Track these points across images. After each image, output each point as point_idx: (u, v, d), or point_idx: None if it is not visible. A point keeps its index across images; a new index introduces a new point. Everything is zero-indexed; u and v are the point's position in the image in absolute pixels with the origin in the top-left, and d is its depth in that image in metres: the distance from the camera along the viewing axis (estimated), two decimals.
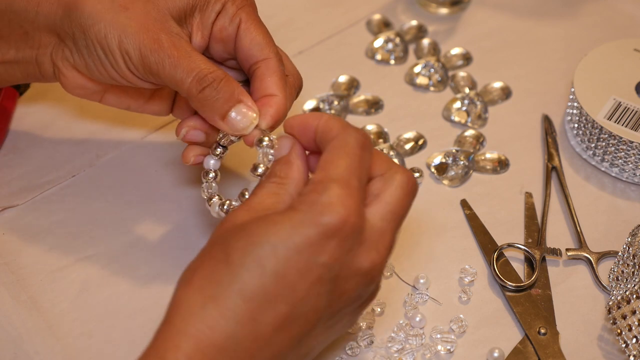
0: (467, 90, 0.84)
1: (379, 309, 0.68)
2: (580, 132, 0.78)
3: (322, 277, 0.53)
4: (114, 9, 0.62)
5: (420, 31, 0.89)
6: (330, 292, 0.53)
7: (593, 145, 0.77)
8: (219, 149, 0.65)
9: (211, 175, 0.64)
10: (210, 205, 0.63)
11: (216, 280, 0.52)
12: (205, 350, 0.51)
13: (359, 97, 0.83)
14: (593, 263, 0.71)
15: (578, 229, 0.73)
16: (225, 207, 0.62)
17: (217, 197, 0.63)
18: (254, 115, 0.61)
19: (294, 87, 0.66)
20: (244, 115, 0.61)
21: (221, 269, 0.52)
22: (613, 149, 0.75)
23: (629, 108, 0.76)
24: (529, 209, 0.75)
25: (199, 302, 0.52)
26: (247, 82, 0.66)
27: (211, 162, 0.65)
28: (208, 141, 0.65)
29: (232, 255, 0.52)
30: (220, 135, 0.64)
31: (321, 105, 0.82)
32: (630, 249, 0.67)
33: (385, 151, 0.77)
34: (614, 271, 0.69)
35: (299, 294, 0.52)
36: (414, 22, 0.90)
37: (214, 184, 0.64)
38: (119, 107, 0.69)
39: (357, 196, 0.53)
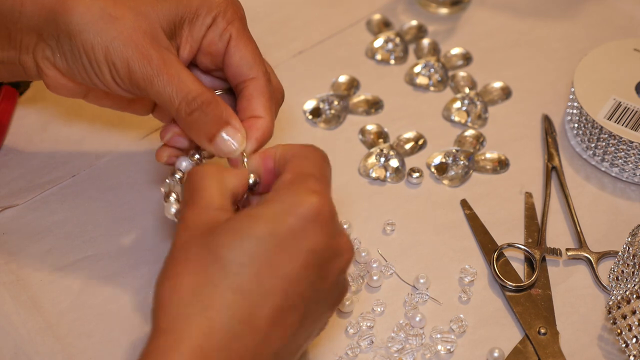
0: (467, 90, 0.84)
1: (379, 309, 0.68)
2: (580, 132, 0.78)
3: (309, 264, 0.53)
4: (104, 19, 0.60)
5: (420, 31, 0.89)
6: (317, 277, 0.54)
7: (593, 145, 0.77)
8: (197, 156, 0.63)
9: (178, 176, 0.62)
10: (166, 203, 0.61)
11: (208, 281, 0.52)
12: (207, 352, 0.51)
13: (359, 97, 0.83)
14: (593, 263, 0.71)
15: (578, 229, 0.73)
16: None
17: (174, 198, 0.61)
18: (242, 140, 0.61)
19: (277, 103, 0.66)
20: (232, 138, 0.60)
21: (211, 268, 0.52)
22: (613, 149, 0.75)
23: (629, 108, 0.76)
24: (529, 209, 0.75)
25: (196, 307, 0.52)
26: (230, 89, 0.66)
27: (183, 164, 0.63)
28: (190, 148, 0.65)
29: (220, 253, 0.52)
30: None
31: (321, 105, 0.82)
32: (630, 249, 0.67)
33: (385, 151, 0.77)
34: (614, 271, 0.69)
35: (290, 284, 0.53)
36: (414, 22, 0.90)
37: (178, 186, 0.62)
38: (100, 106, 0.69)
39: (329, 187, 0.56)
